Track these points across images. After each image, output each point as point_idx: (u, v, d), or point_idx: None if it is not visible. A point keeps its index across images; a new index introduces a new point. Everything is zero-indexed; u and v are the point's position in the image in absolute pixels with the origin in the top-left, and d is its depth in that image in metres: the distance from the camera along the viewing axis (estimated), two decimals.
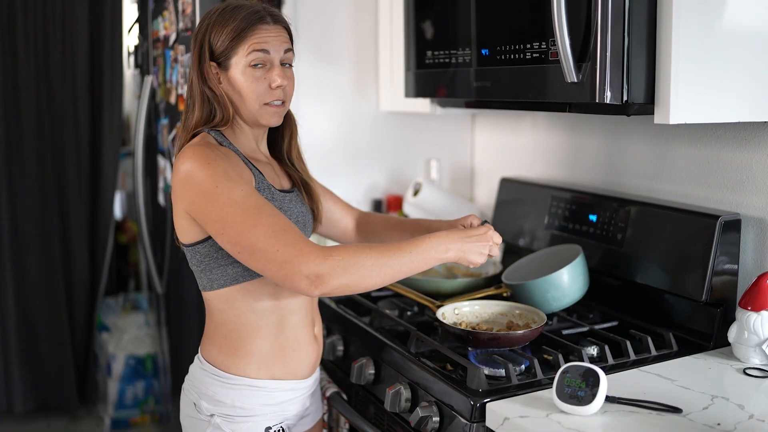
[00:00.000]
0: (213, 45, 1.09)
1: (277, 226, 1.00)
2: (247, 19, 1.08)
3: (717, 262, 1.25)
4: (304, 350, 1.16)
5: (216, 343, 1.14)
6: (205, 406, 1.13)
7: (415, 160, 1.99)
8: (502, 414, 1.01)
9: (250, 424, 1.12)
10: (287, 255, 0.98)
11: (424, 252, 1.03)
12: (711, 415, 0.99)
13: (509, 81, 1.26)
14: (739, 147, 1.32)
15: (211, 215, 1.02)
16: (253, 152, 1.17)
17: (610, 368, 1.16)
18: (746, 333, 1.17)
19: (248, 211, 1.01)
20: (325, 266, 0.98)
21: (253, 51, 1.08)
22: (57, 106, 2.58)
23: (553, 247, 1.49)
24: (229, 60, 1.09)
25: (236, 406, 1.12)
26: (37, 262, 2.58)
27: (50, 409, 2.68)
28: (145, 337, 2.67)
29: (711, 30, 1.11)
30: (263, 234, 0.99)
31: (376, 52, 1.91)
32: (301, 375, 1.17)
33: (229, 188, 1.02)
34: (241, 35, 1.08)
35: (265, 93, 1.10)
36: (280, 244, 0.98)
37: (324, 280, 0.98)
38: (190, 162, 1.04)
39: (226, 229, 1.01)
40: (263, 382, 1.13)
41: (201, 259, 1.11)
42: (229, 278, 1.10)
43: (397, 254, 1.02)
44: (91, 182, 2.68)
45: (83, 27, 2.56)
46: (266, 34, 1.09)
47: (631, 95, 1.10)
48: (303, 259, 0.98)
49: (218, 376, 1.13)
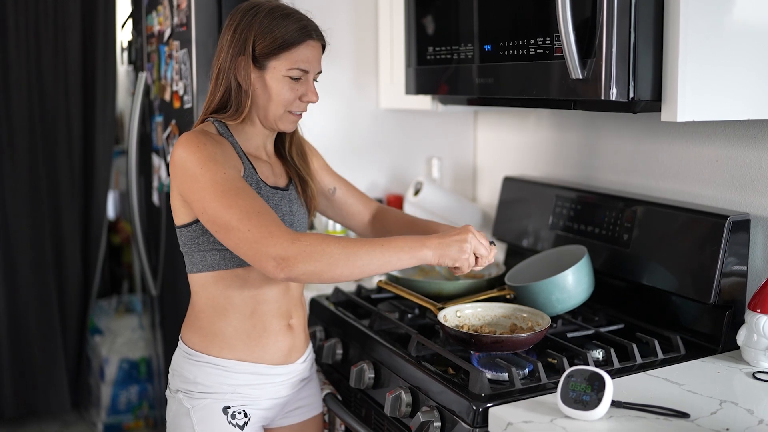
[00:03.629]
0: (255, 44, 1.13)
1: (251, 207, 1.05)
2: (297, 33, 1.13)
3: (726, 263, 1.25)
4: (273, 338, 1.20)
5: (189, 322, 1.22)
6: (174, 382, 1.21)
7: (416, 159, 1.99)
8: (506, 419, 1.00)
9: (209, 401, 1.17)
10: (257, 235, 1.02)
11: (396, 247, 1.05)
12: (719, 421, 0.98)
13: (513, 77, 1.26)
14: (749, 145, 1.31)
15: (195, 194, 1.08)
16: (255, 150, 1.21)
17: (616, 372, 1.15)
18: (755, 336, 1.16)
19: (227, 192, 1.06)
20: (292, 249, 1.01)
21: (296, 68, 1.14)
22: (49, 103, 2.57)
23: (558, 248, 1.48)
24: (267, 62, 1.14)
25: (197, 382, 1.18)
26: (29, 263, 2.57)
27: (41, 414, 2.67)
28: (138, 341, 2.66)
29: (720, 25, 1.11)
30: (237, 213, 1.04)
31: (376, 48, 1.90)
32: (269, 361, 1.20)
33: (213, 170, 1.07)
34: (291, 45, 1.13)
35: (294, 103, 1.17)
36: (251, 224, 1.03)
37: (290, 263, 1.01)
38: (182, 147, 1.10)
39: (206, 208, 1.07)
40: (225, 361, 1.17)
41: (185, 242, 1.18)
42: (207, 264, 1.16)
43: (366, 247, 1.04)
44: (84, 181, 2.67)
45: (75, 22, 2.55)
46: (311, 52, 1.15)
47: (637, 92, 1.10)
48: (272, 241, 1.02)
49: (187, 353, 1.20)
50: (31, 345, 2.58)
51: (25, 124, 2.52)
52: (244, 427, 1.18)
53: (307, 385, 1.30)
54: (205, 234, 1.14)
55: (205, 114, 1.19)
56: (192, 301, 1.21)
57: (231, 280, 1.16)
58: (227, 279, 1.16)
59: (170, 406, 1.21)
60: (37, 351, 2.59)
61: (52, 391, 2.61)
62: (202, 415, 1.16)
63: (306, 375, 1.29)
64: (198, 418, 1.16)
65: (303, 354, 1.26)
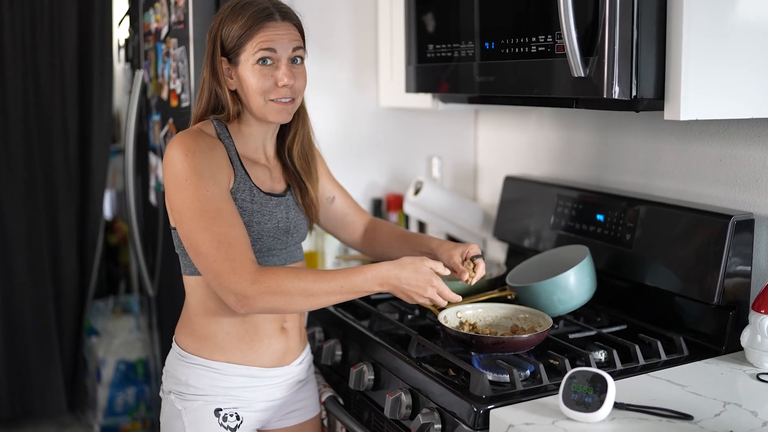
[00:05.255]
0: (224, 41, 1.13)
1: (224, 236, 1.06)
2: (255, 16, 1.11)
3: (729, 263, 1.24)
4: (266, 341, 1.20)
5: (182, 324, 1.22)
6: (167, 384, 1.21)
7: (416, 158, 1.98)
8: (507, 421, 0.99)
9: (200, 403, 1.17)
10: (221, 269, 1.05)
11: (355, 286, 1.08)
12: (723, 423, 0.98)
13: (514, 75, 1.26)
14: (753, 144, 1.31)
15: (174, 204, 1.09)
16: (253, 152, 1.20)
17: (619, 374, 1.15)
18: (759, 337, 1.16)
19: (205, 213, 1.06)
20: (252, 290, 1.04)
21: (260, 49, 1.11)
22: (45, 101, 2.55)
23: (560, 248, 1.47)
24: (238, 56, 1.13)
25: (189, 384, 1.17)
26: (24, 264, 2.55)
27: (38, 415, 2.66)
28: (135, 342, 2.65)
29: (723, 23, 1.10)
30: (208, 240, 1.06)
31: (376, 46, 1.90)
32: (262, 364, 1.20)
33: (196, 185, 1.07)
34: (249, 32, 1.11)
35: (271, 90, 1.13)
36: (219, 256, 1.05)
37: (249, 302, 1.05)
38: (173, 149, 1.10)
39: (181, 223, 1.09)
40: (218, 364, 1.17)
41: (178, 243, 1.18)
42: (196, 268, 1.15)
43: (326, 285, 1.07)
44: (80, 181, 2.65)
45: (72, 19, 2.54)
46: (274, 31, 1.12)
47: (640, 90, 1.10)
48: (234, 278, 1.04)
49: (180, 355, 1.20)
50: (27, 346, 2.57)
51: (21, 122, 2.51)
52: (236, 430, 1.17)
53: (304, 387, 1.29)
54: None
55: (195, 120, 1.18)
56: (186, 302, 1.21)
57: None
58: None
59: (163, 408, 1.22)
60: (33, 352, 2.58)
61: (48, 392, 2.60)
62: (193, 417, 1.16)
63: (303, 377, 1.28)
64: (189, 419, 1.16)
65: (299, 356, 1.25)
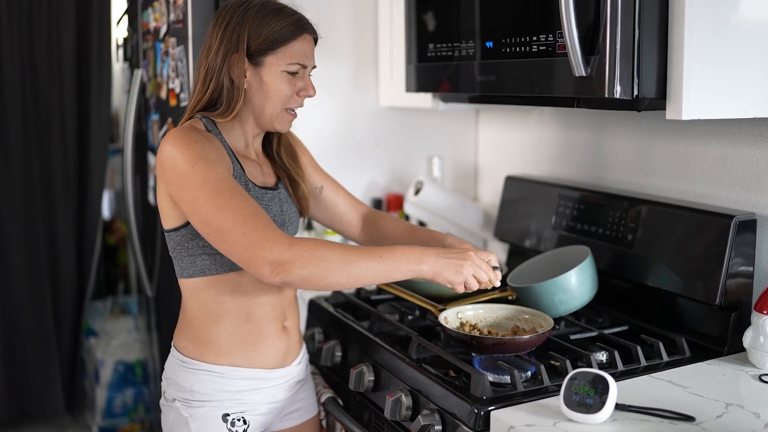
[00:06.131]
0: (250, 39, 1.12)
1: (246, 210, 1.03)
2: (293, 27, 1.13)
3: (731, 264, 1.23)
4: (269, 342, 1.19)
5: (181, 329, 1.19)
6: (169, 391, 1.18)
7: (416, 158, 1.98)
8: (507, 422, 0.99)
9: (207, 409, 1.15)
10: (253, 239, 1.00)
11: (395, 259, 1.04)
12: (725, 424, 0.97)
13: (515, 75, 1.26)
14: (755, 144, 1.30)
15: (185, 195, 1.05)
16: (243, 149, 1.19)
17: (620, 375, 1.14)
18: (762, 338, 1.16)
19: (220, 193, 1.03)
20: (289, 254, 0.99)
21: (296, 61, 1.13)
22: (43, 101, 2.55)
23: (561, 248, 1.47)
24: (264, 58, 1.12)
25: (194, 390, 1.15)
26: (22, 264, 2.55)
27: (35, 417, 2.65)
28: (134, 343, 2.65)
29: (725, 22, 1.10)
30: (232, 216, 1.02)
31: (376, 45, 1.90)
32: (266, 365, 1.19)
33: (205, 169, 1.05)
34: (286, 42, 1.12)
35: (291, 98, 1.15)
36: (247, 227, 1.01)
37: (286, 267, 0.99)
38: (171, 144, 1.07)
39: (198, 209, 1.04)
40: (222, 368, 1.16)
41: (174, 246, 1.15)
42: (197, 269, 1.14)
43: (365, 256, 1.03)
44: (79, 181, 2.65)
45: (70, 18, 2.54)
46: (307, 46, 1.15)
47: (641, 90, 1.10)
48: (268, 245, 1.00)
49: (181, 361, 1.17)
50: (25, 347, 2.57)
51: (19, 122, 2.51)
52: None
53: (302, 388, 1.29)
54: (195, 238, 1.11)
55: (190, 113, 1.16)
56: (183, 306, 1.19)
57: (223, 284, 1.14)
58: (219, 284, 1.14)
59: (167, 416, 1.19)
60: (31, 353, 2.57)
61: (46, 394, 2.59)
62: (201, 423, 1.14)
63: (302, 377, 1.28)
64: (197, 426, 1.14)
65: (298, 356, 1.25)
